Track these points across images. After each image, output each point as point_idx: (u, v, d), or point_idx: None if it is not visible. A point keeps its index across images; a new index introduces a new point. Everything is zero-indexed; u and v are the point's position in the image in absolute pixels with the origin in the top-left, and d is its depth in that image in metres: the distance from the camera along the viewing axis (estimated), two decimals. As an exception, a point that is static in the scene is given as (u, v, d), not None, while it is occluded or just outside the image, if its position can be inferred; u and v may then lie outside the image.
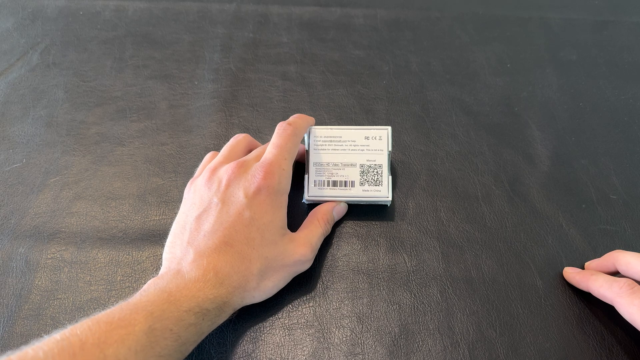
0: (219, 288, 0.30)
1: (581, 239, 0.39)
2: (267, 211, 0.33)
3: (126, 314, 0.26)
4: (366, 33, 0.55)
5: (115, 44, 0.53)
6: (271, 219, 0.33)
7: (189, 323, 0.28)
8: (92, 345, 0.24)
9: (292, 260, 0.33)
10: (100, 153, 0.44)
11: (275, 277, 0.33)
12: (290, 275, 0.34)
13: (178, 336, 0.27)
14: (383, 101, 0.48)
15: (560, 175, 0.43)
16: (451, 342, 0.33)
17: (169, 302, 0.28)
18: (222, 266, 0.31)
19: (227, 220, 0.32)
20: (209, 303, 0.29)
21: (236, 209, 0.32)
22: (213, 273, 0.30)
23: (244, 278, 0.31)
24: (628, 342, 0.33)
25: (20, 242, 0.38)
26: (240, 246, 0.32)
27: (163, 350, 0.26)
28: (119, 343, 0.25)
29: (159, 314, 0.27)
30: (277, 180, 0.33)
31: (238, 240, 0.32)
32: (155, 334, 0.26)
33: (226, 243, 0.31)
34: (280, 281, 0.33)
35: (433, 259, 0.37)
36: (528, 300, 0.35)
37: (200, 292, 0.29)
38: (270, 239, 0.33)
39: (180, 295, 0.28)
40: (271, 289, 0.33)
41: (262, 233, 0.32)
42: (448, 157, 0.44)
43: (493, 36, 0.55)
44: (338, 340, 0.33)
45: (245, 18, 0.56)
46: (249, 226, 0.32)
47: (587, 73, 0.51)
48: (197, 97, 0.48)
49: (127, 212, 0.40)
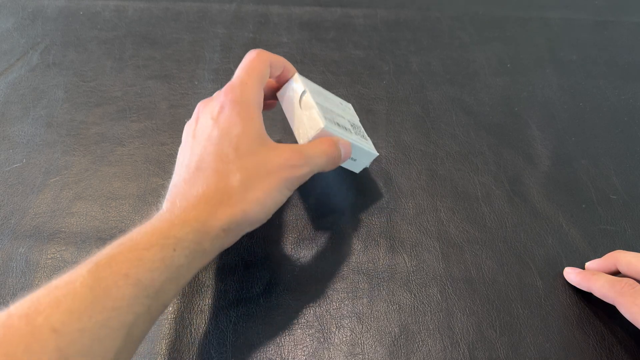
0: (189, 212, 0.27)
1: (581, 239, 0.38)
2: (236, 123, 0.30)
3: (68, 273, 0.23)
4: (366, 33, 0.55)
5: (115, 44, 0.53)
6: (242, 130, 0.30)
7: (153, 260, 0.24)
8: (18, 317, 0.20)
9: (276, 165, 0.30)
10: (100, 153, 0.44)
11: (264, 185, 0.29)
12: (282, 184, 0.30)
13: (137, 280, 0.23)
14: (383, 101, 0.48)
15: (560, 175, 0.43)
16: (451, 342, 0.33)
17: (123, 245, 0.24)
18: (193, 190, 0.28)
19: (197, 148, 0.30)
20: (176, 229, 0.26)
21: (205, 134, 0.31)
22: (181, 198, 0.28)
23: (223, 193, 0.28)
24: (628, 342, 0.33)
25: (20, 242, 0.38)
26: (213, 164, 0.29)
27: (119, 302, 0.22)
28: (53, 306, 0.21)
29: (107, 261, 0.23)
30: (239, 93, 0.31)
31: (209, 160, 0.29)
32: (105, 284, 0.22)
33: (197, 168, 0.29)
34: (272, 191, 0.30)
35: (433, 259, 0.37)
36: (528, 300, 0.35)
37: (165, 222, 0.26)
38: (246, 149, 0.30)
39: (138, 234, 0.25)
40: (265, 200, 0.29)
41: (235, 146, 0.30)
42: (448, 157, 0.44)
43: (493, 36, 0.55)
44: (338, 340, 0.33)
45: (245, 18, 0.56)
46: (218, 144, 0.30)
47: (587, 73, 0.51)
48: (197, 97, 0.48)
49: (127, 212, 0.40)
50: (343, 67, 0.51)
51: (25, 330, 0.20)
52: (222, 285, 0.36)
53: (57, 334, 0.20)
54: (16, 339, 0.20)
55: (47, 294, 0.21)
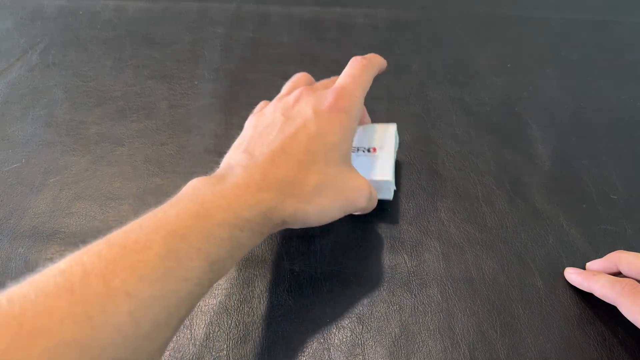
0: (263, 192, 0.27)
1: (582, 239, 0.38)
2: (336, 132, 0.30)
3: (144, 233, 0.23)
4: (366, 33, 0.55)
5: (115, 43, 0.53)
6: (338, 141, 0.30)
7: (222, 238, 0.24)
8: (95, 276, 0.20)
9: (350, 187, 0.30)
10: (99, 153, 0.44)
11: (333, 197, 0.30)
12: (346, 205, 0.31)
13: (208, 255, 0.24)
14: (383, 101, 0.48)
15: (561, 175, 0.42)
16: (452, 342, 0.33)
17: (198, 216, 0.24)
18: (273, 171, 0.28)
19: (289, 130, 0.29)
20: (248, 210, 0.26)
21: (302, 121, 0.30)
22: (260, 176, 0.27)
23: (297, 186, 0.28)
24: (629, 342, 0.33)
25: (19, 243, 0.38)
26: (300, 155, 0.29)
27: (189, 273, 0.23)
28: (129, 271, 0.21)
29: (182, 232, 0.23)
30: (349, 104, 0.31)
31: (298, 149, 0.29)
32: (177, 256, 0.23)
33: (284, 150, 0.29)
34: (336, 205, 0.30)
35: (433, 259, 0.37)
36: (529, 300, 0.35)
37: (239, 198, 0.26)
38: (334, 160, 0.30)
39: (213, 206, 0.25)
40: (326, 210, 0.30)
41: (325, 150, 0.29)
42: (448, 157, 0.44)
43: (493, 36, 0.55)
44: (338, 341, 0.33)
45: (245, 18, 0.56)
46: (313, 139, 0.29)
47: (588, 73, 0.51)
48: (197, 97, 0.48)
49: (126, 212, 0.40)
50: (343, 67, 0.51)
51: (102, 290, 0.20)
52: (222, 285, 0.36)
53: (130, 299, 0.20)
54: (92, 298, 0.20)
55: (123, 256, 0.21)
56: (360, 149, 0.38)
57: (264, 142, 0.30)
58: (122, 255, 0.21)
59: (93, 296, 0.20)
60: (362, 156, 0.37)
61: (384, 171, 0.36)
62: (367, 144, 0.38)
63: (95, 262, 0.21)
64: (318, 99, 0.31)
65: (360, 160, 0.37)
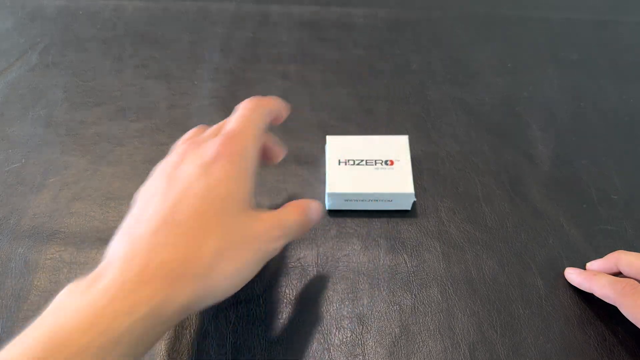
0: (143, 289, 0.23)
1: (582, 239, 0.38)
2: (227, 181, 0.27)
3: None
4: (366, 33, 0.55)
5: (114, 43, 0.53)
6: (231, 190, 0.27)
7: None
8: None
9: (254, 234, 0.27)
10: (99, 153, 0.44)
11: (237, 258, 0.26)
12: (256, 259, 0.27)
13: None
14: (383, 101, 0.48)
15: (561, 175, 0.42)
16: (452, 342, 0.33)
17: (46, 350, 0.20)
18: (157, 253, 0.24)
19: (172, 196, 0.26)
20: (119, 323, 0.21)
21: (186, 181, 0.27)
22: (140, 267, 0.23)
23: (191, 262, 0.24)
24: (629, 342, 0.33)
25: (19, 243, 0.38)
26: (189, 222, 0.25)
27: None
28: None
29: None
30: (239, 146, 0.28)
31: (186, 216, 0.25)
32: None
33: (167, 222, 0.25)
34: (244, 265, 0.26)
35: (434, 260, 0.37)
36: (529, 300, 0.35)
37: (107, 308, 0.22)
38: (229, 211, 0.26)
39: (73, 328, 0.21)
40: (234, 275, 0.26)
41: (218, 206, 0.26)
42: (449, 157, 0.44)
43: (494, 36, 0.55)
44: (338, 341, 0.33)
45: (245, 17, 0.56)
46: (201, 199, 0.26)
47: (588, 73, 0.51)
48: (197, 97, 0.48)
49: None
50: (343, 67, 0.51)
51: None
52: (221, 285, 0.36)
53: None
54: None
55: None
56: (377, 162, 0.39)
57: (144, 219, 0.26)
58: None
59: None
60: (380, 169, 0.38)
61: (405, 184, 0.38)
62: (384, 157, 0.39)
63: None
64: (203, 151, 0.28)
65: (379, 173, 0.38)
